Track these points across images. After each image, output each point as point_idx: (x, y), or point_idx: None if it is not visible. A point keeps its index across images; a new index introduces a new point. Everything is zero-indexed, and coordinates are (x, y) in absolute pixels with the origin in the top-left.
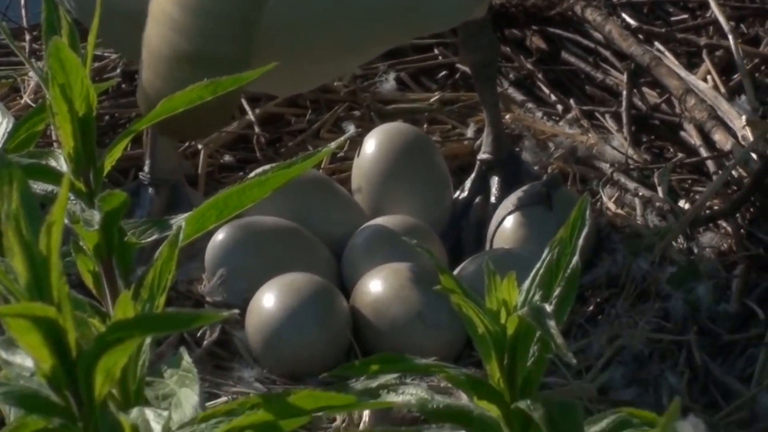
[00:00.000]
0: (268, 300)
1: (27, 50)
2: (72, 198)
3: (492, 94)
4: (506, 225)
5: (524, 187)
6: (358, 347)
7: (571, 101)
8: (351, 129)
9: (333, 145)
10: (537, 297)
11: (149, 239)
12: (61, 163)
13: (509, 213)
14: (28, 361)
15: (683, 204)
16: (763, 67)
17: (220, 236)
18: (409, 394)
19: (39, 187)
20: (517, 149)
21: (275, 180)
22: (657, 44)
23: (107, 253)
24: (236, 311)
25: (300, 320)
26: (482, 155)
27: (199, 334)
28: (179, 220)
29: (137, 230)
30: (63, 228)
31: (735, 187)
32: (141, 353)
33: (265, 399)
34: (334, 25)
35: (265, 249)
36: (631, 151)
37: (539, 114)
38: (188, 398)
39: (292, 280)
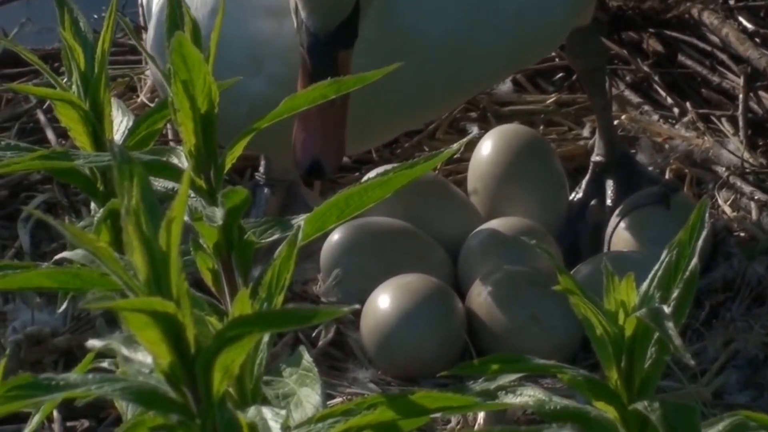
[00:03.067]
0: (383, 301)
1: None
2: (192, 195)
3: (602, 99)
4: (623, 228)
5: (642, 191)
6: (474, 349)
7: (688, 104)
8: (474, 130)
9: (456, 146)
10: (655, 299)
11: (270, 239)
12: (182, 160)
13: (627, 215)
14: (148, 358)
15: None
16: None
17: (335, 237)
18: (527, 395)
19: (159, 184)
20: (633, 151)
21: (396, 180)
22: None
23: (227, 251)
24: (356, 306)
25: (415, 322)
26: (595, 157)
27: (314, 335)
28: (300, 220)
29: (257, 229)
30: (183, 225)
31: None
32: (259, 351)
33: (383, 399)
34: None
35: (381, 250)
36: (747, 155)
37: (655, 116)
38: (309, 397)
39: (407, 282)
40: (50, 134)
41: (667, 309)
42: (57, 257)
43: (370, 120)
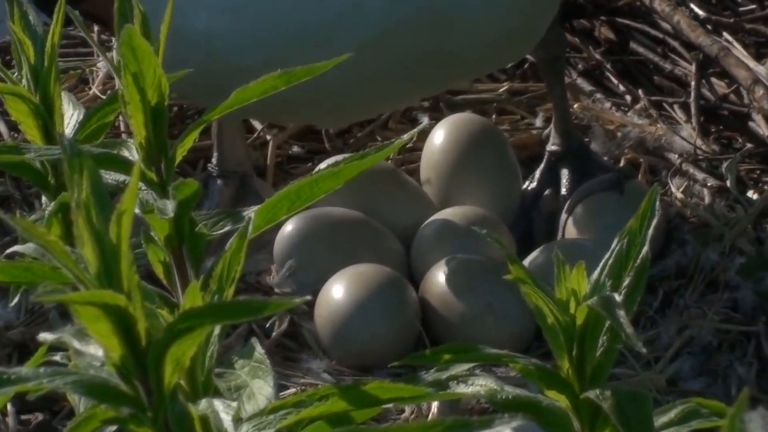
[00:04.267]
0: (337, 291)
1: (96, 40)
2: (143, 188)
3: (560, 88)
4: (577, 216)
5: (595, 178)
6: (428, 338)
7: (640, 92)
8: (425, 120)
9: (406, 136)
10: (606, 287)
11: (221, 231)
12: (132, 152)
13: (580, 202)
14: (99, 351)
15: (752, 194)
16: None
17: (288, 228)
18: (479, 385)
19: (110, 177)
20: (587, 140)
21: (348, 171)
22: (725, 35)
23: (178, 243)
24: (308, 297)
25: (369, 311)
26: (551, 147)
27: (267, 326)
28: (251, 212)
29: (209, 221)
30: (133, 218)
31: None
32: (210, 343)
33: (335, 390)
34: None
35: (334, 240)
36: (699, 142)
37: (608, 104)
38: (261, 389)
39: (361, 271)
40: (2, 127)
41: (618, 297)
42: (8, 251)
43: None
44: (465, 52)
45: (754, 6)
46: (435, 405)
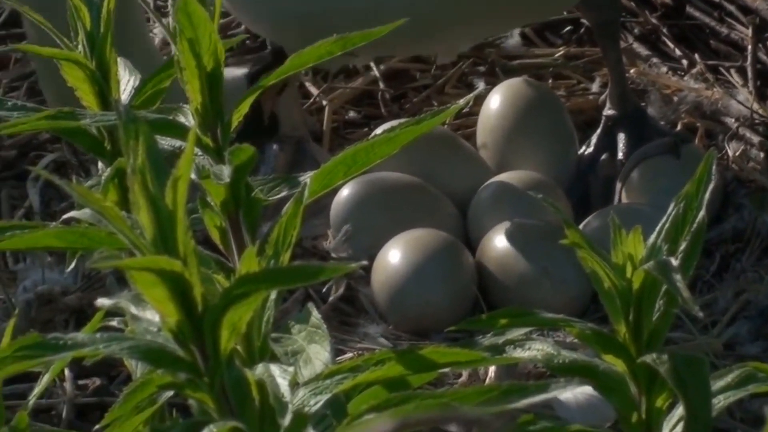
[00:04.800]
0: (393, 256)
1: (152, 6)
2: (199, 153)
3: (616, 52)
4: (634, 180)
5: (652, 142)
6: (484, 303)
7: (696, 56)
8: (480, 85)
9: (462, 101)
10: (663, 251)
11: (277, 196)
12: (188, 118)
13: (637, 166)
14: (156, 316)
15: None
16: None
17: (345, 192)
18: (536, 349)
19: (166, 143)
20: (643, 104)
21: (404, 136)
22: None
23: (234, 208)
24: (364, 262)
25: (426, 276)
26: (607, 111)
27: (324, 290)
28: (307, 177)
29: (265, 186)
30: (189, 183)
31: None
32: (266, 308)
33: (392, 355)
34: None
35: (391, 205)
36: (756, 106)
37: (664, 69)
38: (318, 354)
39: (417, 236)
40: None
41: (674, 261)
42: (65, 216)
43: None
44: None
45: None
46: (492, 369)
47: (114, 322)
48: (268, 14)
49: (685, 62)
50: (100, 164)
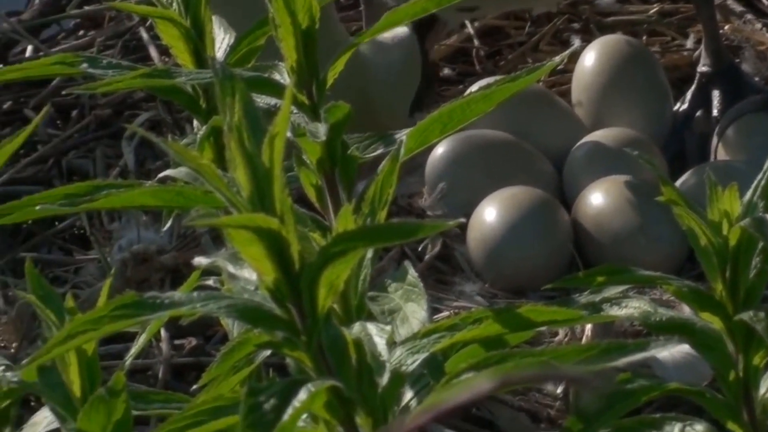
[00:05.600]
0: (489, 213)
1: None
2: (295, 111)
3: (709, 8)
4: (729, 137)
5: (746, 99)
6: (580, 260)
7: None
8: (576, 42)
9: (557, 58)
10: (759, 208)
11: (373, 153)
12: (283, 76)
13: (732, 123)
14: (253, 275)
15: None
16: None
17: (440, 150)
18: (633, 307)
19: (261, 100)
20: (737, 60)
21: (500, 93)
22: None
23: (330, 166)
24: (462, 220)
25: (521, 234)
26: (701, 68)
27: (420, 249)
28: (402, 134)
29: (361, 144)
30: (286, 141)
31: None
32: (363, 267)
33: (489, 313)
34: None
35: (486, 162)
36: None
37: (758, 25)
38: (415, 313)
39: (513, 194)
40: (153, 52)
41: None
42: (161, 175)
43: None
44: None
45: None
46: (589, 327)
47: (210, 281)
48: None
49: None
50: (195, 122)
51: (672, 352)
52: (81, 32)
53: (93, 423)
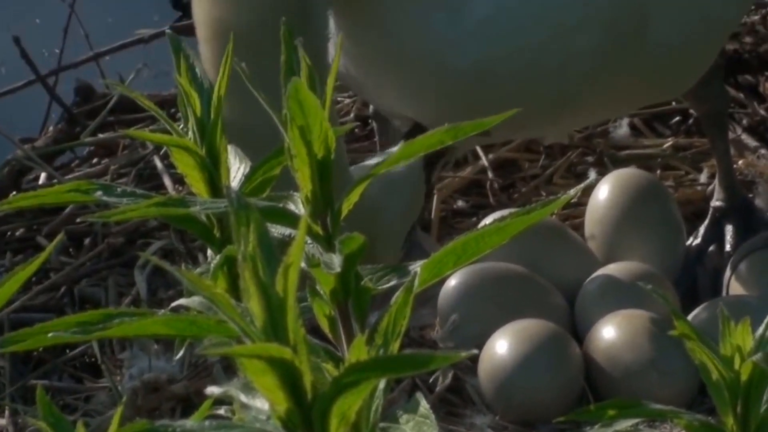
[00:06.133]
0: (500, 346)
1: None
2: (309, 241)
3: (723, 142)
4: (742, 272)
5: (759, 235)
6: (591, 394)
7: None
8: (592, 175)
9: (572, 192)
10: None
11: (387, 285)
12: (298, 206)
13: (744, 259)
14: (265, 405)
15: None
16: None
17: (453, 282)
18: None
19: (276, 230)
20: (750, 195)
21: (514, 226)
22: None
23: (344, 297)
24: (474, 352)
25: (533, 366)
26: (715, 202)
27: (431, 380)
28: (416, 266)
29: (374, 275)
30: (300, 271)
31: None
32: (375, 397)
33: None
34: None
35: (498, 295)
36: None
37: None
38: None
39: (525, 327)
40: (167, 180)
41: None
42: (174, 304)
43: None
44: (663, 43)
45: None
46: None
47: (221, 411)
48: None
49: None
50: (208, 252)
51: None
52: (95, 160)
53: None
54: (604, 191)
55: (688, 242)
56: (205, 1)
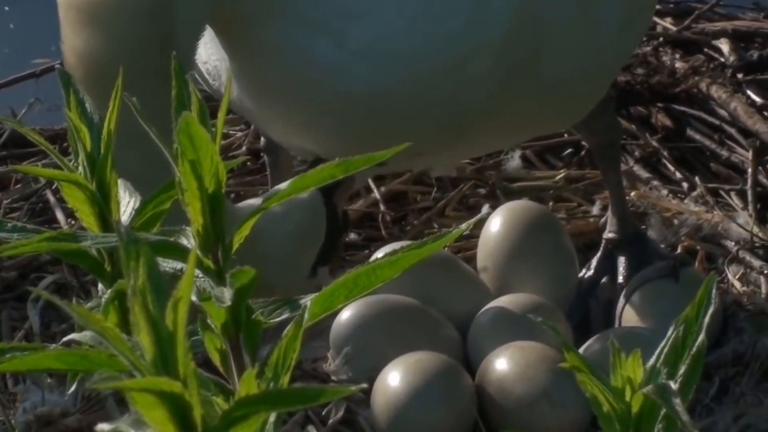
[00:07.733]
0: (393, 378)
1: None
2: (200, 275)
3: (616, 175)
4: (634, 303)
5: (651, 266)
6: (484, 426)
7: (696, 179)
8: (485, 209)
9: (464, 225)
10: (662, 375)
11: (278, 319)
12: (189, 240)
13: (636, 290)
14: None
15: None
16: None
17: (345, 315)
18: None
19: (168, 264)
20: (643, 227)
21: (406, 260)
22: None
23: (235, 331)
24: (364, 385)
25: (426, 399)
26: (608, 234)
27: (324, 413)
28: (307, 300)
29: (265, 309)
30: (190, 305)
31: None
32: (266, 430)
33: None
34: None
35: (391, 327)
36: (756, 229)
37: (664, 191)
38: None
39: (417, 359)
40: (59, 214)
41: (674, 385)
42: (65, 339)
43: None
44: (557, 74)
45: None
46: None
47: None
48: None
49: (685, 185)
50: (100, 286)
51: None
52: None
53: None
54: (496, 223)
55: (581, 274)
56: (70, 37)
